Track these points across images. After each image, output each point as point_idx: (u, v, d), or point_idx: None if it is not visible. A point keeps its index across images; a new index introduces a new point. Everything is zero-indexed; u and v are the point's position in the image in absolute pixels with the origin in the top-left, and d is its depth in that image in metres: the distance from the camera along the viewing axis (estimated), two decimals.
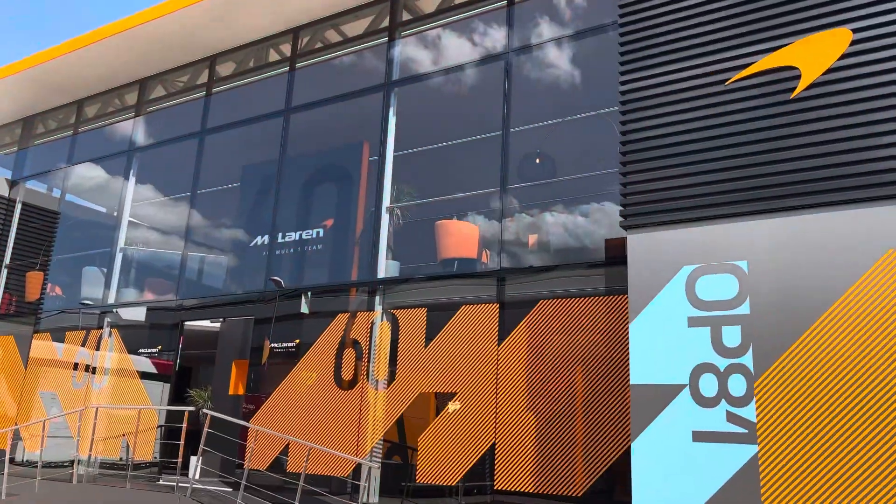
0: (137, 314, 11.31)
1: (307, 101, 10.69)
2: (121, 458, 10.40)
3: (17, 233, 13.79)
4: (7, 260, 13.64)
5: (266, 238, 11.16)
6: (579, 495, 6.78)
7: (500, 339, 7.62)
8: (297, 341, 9.31)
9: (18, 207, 13.93)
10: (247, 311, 10.22)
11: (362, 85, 10.17)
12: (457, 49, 9.54)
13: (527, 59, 8.79)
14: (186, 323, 10.87)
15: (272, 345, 9.53)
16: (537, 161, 9.03)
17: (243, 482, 7.81)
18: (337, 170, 11.23)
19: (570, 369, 7.14)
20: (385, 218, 9.17)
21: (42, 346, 12.21)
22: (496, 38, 9.14)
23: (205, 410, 8.35)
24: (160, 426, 10.10)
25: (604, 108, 8.13)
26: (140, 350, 10.92)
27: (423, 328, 8.23)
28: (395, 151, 9.46)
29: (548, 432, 7.09)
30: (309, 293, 9.52)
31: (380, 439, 8.22)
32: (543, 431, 7.12)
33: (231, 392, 11.47)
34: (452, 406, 8.55)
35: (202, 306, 10.73)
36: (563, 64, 8.66)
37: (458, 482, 7.53)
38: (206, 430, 8.26)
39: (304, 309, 9.45)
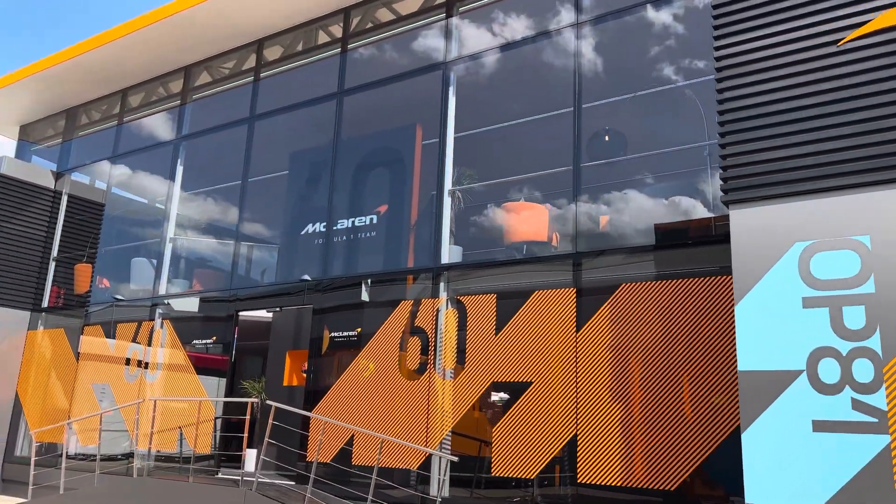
0: (190, 305, 11.13)
1: (360, 84, 10.35)
2: (177, 451, 10.24)
3: (63, 225, 13.70)
4: (55, 252, 13.56)
5: (317, 226, 10.93)
6: (672, 489, 6.41)
7: (579, 325, 7.24)
8: (359, 330, 9.03)
9: (64, 199, 13.84)
10: (304, 300, 9.95)
11: (417, 65, 9.81)
12: (518, 23, 9.14)
13: (595, 30, 8.36)
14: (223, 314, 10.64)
15: (332, 334, 9.26)
16: (606, 139, 8.61)
17: (312, 475, 7.56)
18: (389, 154, 10.91)
19: (657, 356, 6.75)
20: (447, 201, 8.82)
21: (93, 339, 12.11)
22: (561, 9, 8.72)
23: (268, 401, 8.11)
24: (217, 418, 9.91)
25: (681, 81, 7.69)
26: (194, 341, 10.73)
27: (494, 315, 7.89)
28: (455, 133, 9.08)
29: (635, 423, 6.72)
30: (369, 280, 9.23)
31: (450, 430, 7.92)
32: (630, 422, 6.75)
33: (285, 383, 11.24)
34: (496, 396, 8.22)
35: (257, 296, 10.50)
36: (636, 35, 8.21)
37: (536, 475, 7.20)
38: (271, 421, 8.02)
39: (365, 297, 9.16)
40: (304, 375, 11.19)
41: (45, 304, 13.27)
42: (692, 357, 6.57)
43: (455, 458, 6.87)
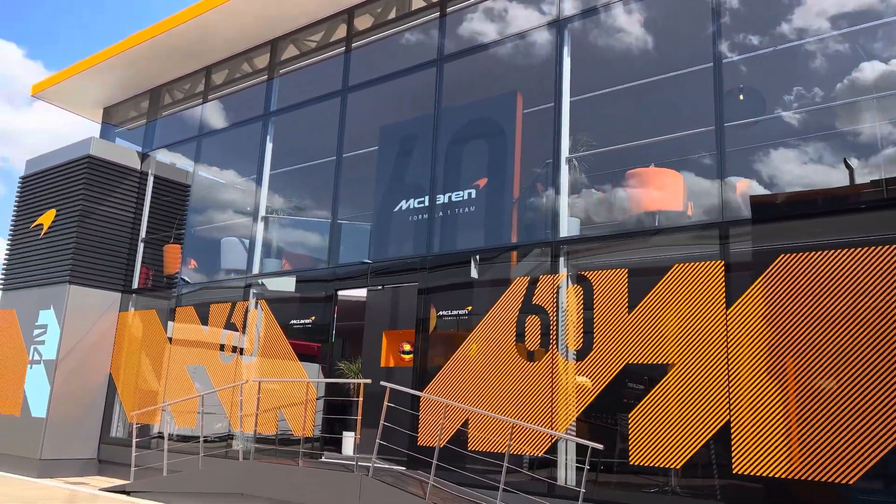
0: (287, 285, 10.85)
1: (462, 49, 9.79)
2: (278, 434, 10.00)
3: (150, 206, 13.62)
4: (143, 234, 13.49)
5: (411, 202, 10.49)
6: (851, 482, 5.72)
7: (729, 301, 6.57)
8: (469, 308, 8.54)
9: (150, 180, 13.75)
10: (406, 278, 9.52)
11: (526, 27, 9.18)
12: None
13: None
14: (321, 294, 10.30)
15: (440, 313, 8.80)
16: (740, 97, 7.85)
17: (435, 461, 7.12)
18: (487, 125, 10.36)
19: (826, 333, 6.04)
20: (564, 170, 8.21)
21: (185, 320, 11.98)
22: None
23: (382, 382, 7.71)
24: (319, 398, 9.60)
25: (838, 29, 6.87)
26: (292, 321, 10.45)
27: (625, 291, 7.27)
28: (571, 96, 8.45)
29: (801, 408, 6.04)
30: (477, 257, 8.72)
31: (578, 415, 7.37)
32: (795, 407, 6.07)
33: (382, 364, 10.89)
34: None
35: (356, 275, 10.12)
36: None
37: (681, 465, 6.60)
38: (386, 403, 7.61)
39: (474, 274, 8.66)
40: (403, 356, 10.81)
41: (134, 285, 13.24)
42: (865, 333, 5.83)
43: (600, 446, 6.33)
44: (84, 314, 12.57)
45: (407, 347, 10.80)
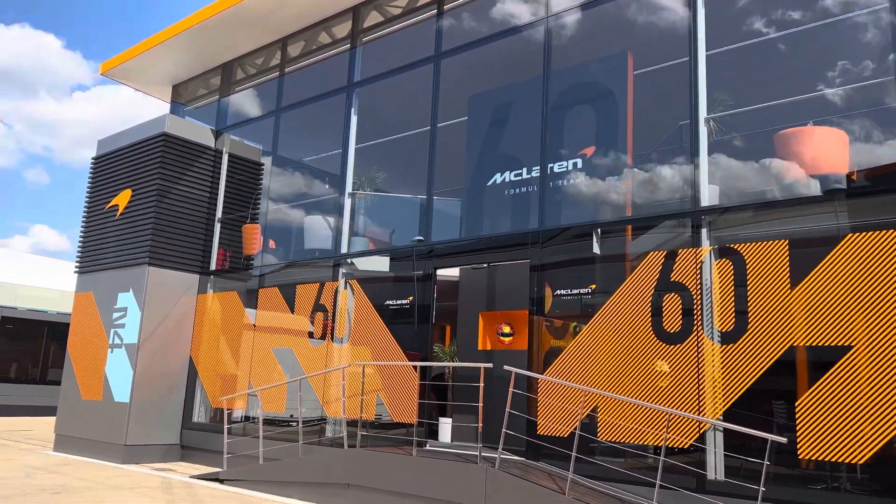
0: (379, 264, 10.29)
1: (572, 6, 9.02)
2: (376, 419, 9.49)
3: (225, 185, 13.19)
4: (219, 213, 13.08)
5: (507, 175, 9.83)
6: None
7: None
8: (593, 287, 7.84)
9: (225, 158, 13.30)
10: (514, 254, 8.86)
11: None
12: None
13: None
14: (418, 273, 9.70)
15: (557, 292, 8.12)
16: None
17: (574, 453, 6.48)
18: (593, 89, 9.60)
19: None
20: (703, 132, 7.42)
21: (270, 301, 11.53)
22: None
23: (507, 367, 7.09)
24: (424, 383, 9.04)
25: None
26: (387, 302, 9.89)
27: (787, 265, 6.49)
28: (706, 50, 7.63)
29: None
30: (599, 230, 8.00)
31: (730, 404, 6.64)
32: None
33: (480, 347, 10.28)
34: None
35: (456, 252, 9.49)
36: None
37: (864, 459, 5.84)
38: (512, 389, 6.99)
39: (596, 249, 7.96)
40: (502, 339, 10.18)
41: (212, 266, 12.84)
42: None
43: (783, 440, 5.61)
44: (163, 296, 12.22)
45: (506, 329, 10.16)
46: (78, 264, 13.59)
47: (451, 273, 10.81)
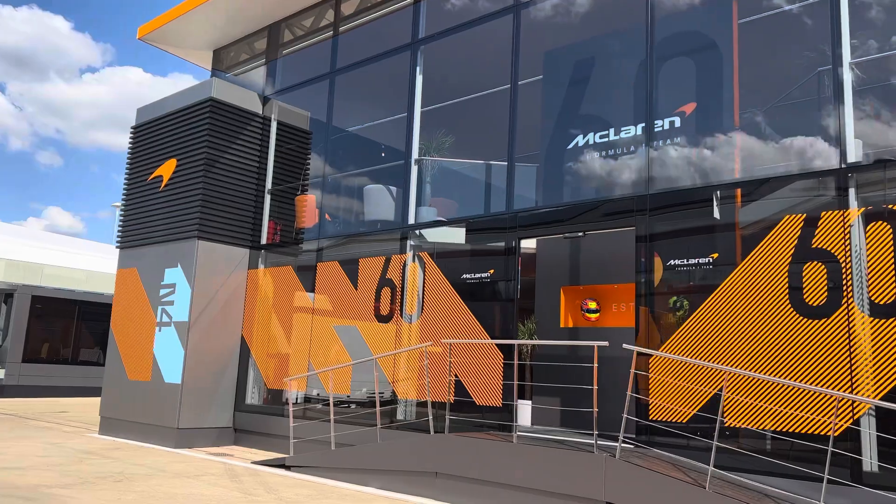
0: (452, 235, 9.51)
1: None
2: (452, 401, 8.77)
3: (274, 154, 12.43)
4: (269, 184, 12.33)
5: (590, 137, 9.02)
6: None
7: None
8: (715, 256, 7.03)
9: (274, 126, 12.52)
10: (614, 222, 8.05)
11: None
12: None
13: None
14: (492, 244, 8.94)
15: (670, 262, 7.31)
16: None
17: (715, 441, 5.73)
18: (693, 40, 8.72)
19: None
20: (847, 79, 6.54)
21: (329, 276, 10.81)
22: None
23: (627, 346, 6.32)
24: (508, 363, 8.29)
25: None
26: (464, 276, 9.12)
27: None
28: None
29: None
30: (717, 193, 7.18)
31: (892, 386, 5.85)
32: None
33: (562, 325, 9.53)
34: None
35: (543, 221, 8.69)
36: None
37: None
38: (634, 371, 6.23)
39: (716, 215, 7.13)
40: (587, 315, 9.42)
41: (263, 240, 12.13)
42: None
43: None
44: (213, 272, 11.53)
45: (592, 305, 9.40)
46: (120, 239, 12.92)
47: (525, 245, 10.04)
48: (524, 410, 9.31)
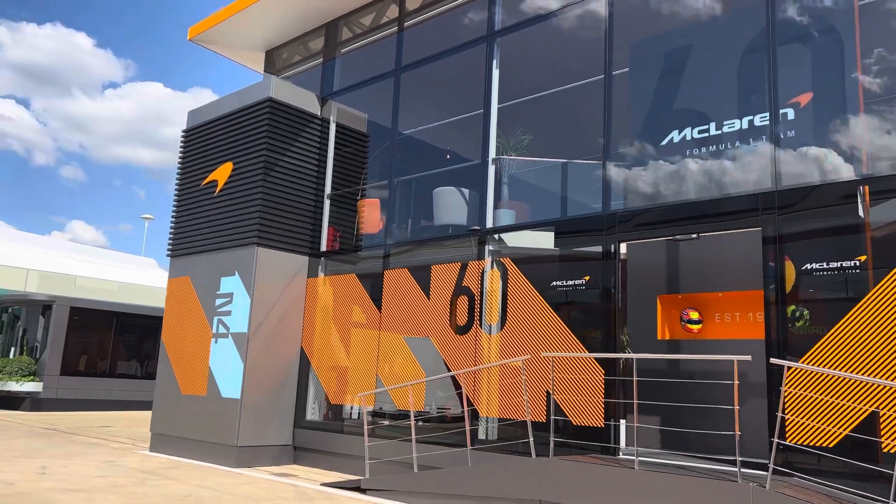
0: (536, 239, 8.82)
1: None
2: (554, 421, 8.03)
3: (333, 157, 11.84)
4: (328, 189, 11.73)
5: (687, 132, 8.33)
6: None
7: None
8: (862, 258, 6.26)
9: (333, 128, 11.94)
10: (734, 223, 7.31)
11: None
12: None
13: None
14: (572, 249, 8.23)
15: (806, 266, 6.55)
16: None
17: (875, 468, 4.94)
18: (805, 24, 7.99)
19: None
20: None
21: (398, 284, 10.14)
22: None
23: (775, 360, 5.57)
24: (611, 378, 7.54)
25: None
26: (554, 283, 8.41)
27: None
28: None
29: None
30: (864, 188, 6.42)
31: None
32: None
33: (660, 337, 8.76)
34: None
35: (648, 223, 7.97)
36: None
37: None
38: (784, 388, 5.46)
39: (860, 212, 6.37)
40: (688, 327, 8.65)
41: (322, 247, 11.51)
42: None
43: None
44: (273, 280, 10.92)
45: (694, 315, 8.63)
46: (171, 247, 12.38)
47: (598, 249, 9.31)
48: (621, 431, 8.54)
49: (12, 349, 20.46)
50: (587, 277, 8.12)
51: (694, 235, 7.76)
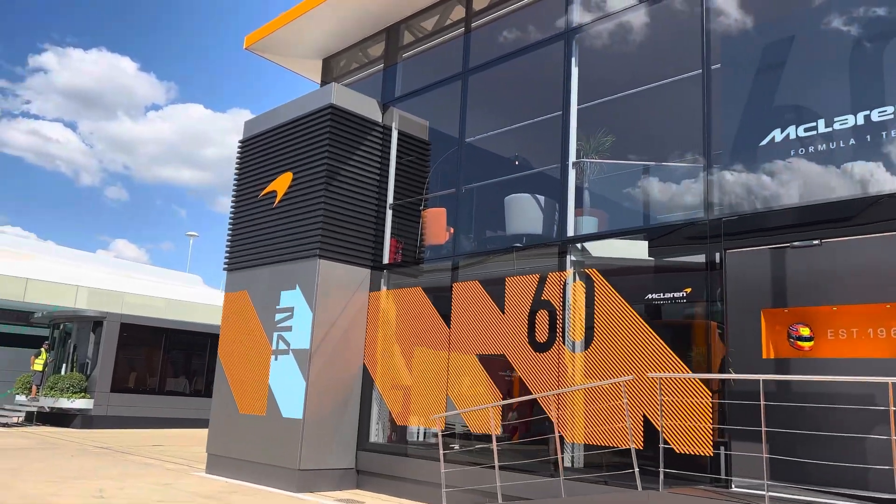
0: (624, 249, 8.13)
1: None
2: (656, 448, 7.29)
3: (395, 166, 11.34)
4: (391, 199, 11.21)
5: (790, 130, 7.60)
6: None
7: None
8: None
9: (395, 135, 11.45)
10: (862, 227, 6.54)
11: None
12: None
13: None
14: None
15: None
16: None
17: None
18: None
19: None
20: None
21: (469, 298, 9.52)
22: None
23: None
24: (724, 403, 6.78)
25: None
26: (649, 296, 7.70)
27: None
28: None
29: None
30: None
31: None
32: None
33: (765, 355, 7.95)
34: None
35: (757, 229, 7.24)
36: None
37: None
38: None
39: None
40: (799, 344, 7.81)
41: (385, 259, 10.97)
42: None
43: None
44: (335, 294, 10.40)
45: (804, 332, 7.79)
46: (227, 261, 11.99)
47: (695, 258, 8.57)
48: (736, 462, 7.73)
49: (63, 366, 20.38)
50: (688, 290, 7.38)
51: (816, 242, 6.97)
